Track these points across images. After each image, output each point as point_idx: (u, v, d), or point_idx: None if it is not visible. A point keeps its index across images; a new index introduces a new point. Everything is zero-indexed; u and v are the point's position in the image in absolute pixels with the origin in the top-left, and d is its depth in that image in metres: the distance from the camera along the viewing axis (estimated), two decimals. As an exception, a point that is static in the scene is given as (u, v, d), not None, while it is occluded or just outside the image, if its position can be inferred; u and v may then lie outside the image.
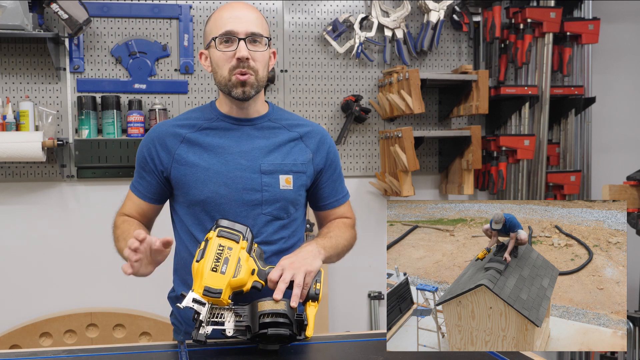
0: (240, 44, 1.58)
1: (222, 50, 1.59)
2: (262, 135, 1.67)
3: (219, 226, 1.46)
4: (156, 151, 1.66)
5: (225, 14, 1.61)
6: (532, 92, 3.45)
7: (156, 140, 1.67)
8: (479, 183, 3.53)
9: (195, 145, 1.65)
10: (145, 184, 1.69)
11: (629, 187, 3.02)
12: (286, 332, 1.39)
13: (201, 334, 1.36)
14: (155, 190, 1.69)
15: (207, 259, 1.41)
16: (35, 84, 3.06)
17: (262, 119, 1.69)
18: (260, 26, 1.62)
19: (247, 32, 1.59)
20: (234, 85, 1.60)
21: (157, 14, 3.17)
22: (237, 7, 1.63)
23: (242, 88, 1.60)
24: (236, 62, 1.58)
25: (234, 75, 1.59)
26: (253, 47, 1.60)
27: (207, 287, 1.37)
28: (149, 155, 1.67)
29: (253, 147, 1.65)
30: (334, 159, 1.76)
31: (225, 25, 1.59)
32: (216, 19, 1.63)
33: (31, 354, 1.50)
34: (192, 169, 1.63)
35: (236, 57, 1.58)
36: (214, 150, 1.64)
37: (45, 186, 3.10)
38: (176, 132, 1.66)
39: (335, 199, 1.78)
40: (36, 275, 3.10)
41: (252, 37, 1.59)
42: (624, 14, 3.83)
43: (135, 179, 1.72)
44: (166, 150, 1.65)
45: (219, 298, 1.38)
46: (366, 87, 3.43)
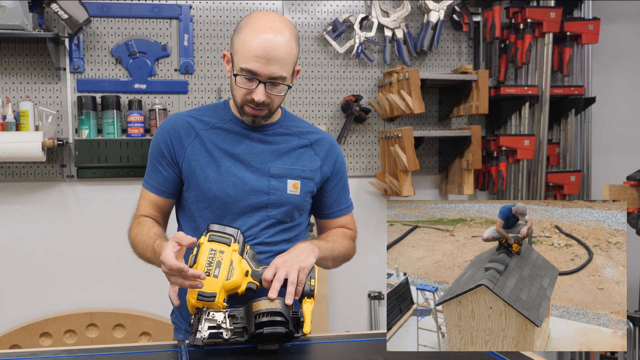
0: (258, 87, 1.55)
1: (240, 86, 1.56)
2: (273, 141, 1.68)
3: (210, 231, 1.47)
4: (171, 142, 1.65)
5: (254, 45, 1.52)
6: (532, 92, 3.45)
7: (171, 131, 1.65)
8: (479, 183, 3.53)
9: (207, 143, 1.64)
10: (162, 178, 1.66)
11: (629, 187, 3.02)
12: (282, 331, 1.40)
13: (198, 338, 1.37)
14: (172, 183, 1.67)
15: (199, 263, 1.41)
16: (35, 84, 3.06)
17: (274, 126, 1.69)
18: (286, 66, 1.55)
19: (269, 76, 1.54)
20: (246, 113, 1.61)
21: (157, 14, 3.17)
22: (268, 38, 1.52)
23: (252, 118, 1.61)
24: (251, 99, 1.57)
25: (247, 107, 1.59)
26: (272, 90, 1.56)
27: (200, 292, 1.38)
28: (165, 147, 1.65)
29: (263, 150, 1.66)
30: (340, 169, 1.77)
31: (250, 61, 1.52)
32: (245, 42, 1.53)
33: (31, 354, 1.50)
34: (203, 166, 1.63)
35: (252, 97, 1.56)
36: (225, 150, 1.64)
37: (45, 186, 3.10)
38: (191, 126, 1.66)
39: (338, 208, 1.78)
40: (36, 275, 3.10)
41: (274, 81, 1.55)
42: (624, 14, 3.83)
43: (149, 175, 1.69)
44: (180, 143, 1.65)
45: (213, 302, 1.38)
46: (366, 87, 3.43)
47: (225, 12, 3.25)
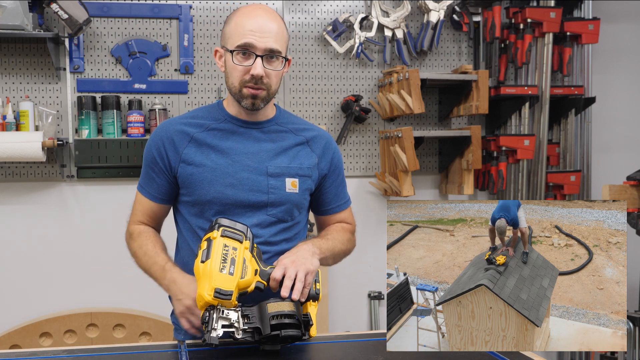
0: (256, 61, 1.56)
1: (237, 64, 1.57)
2: (269, 139, 1.68)
3: (222, 225, 1.44)
4: (165, 150, 1.65)
5: (247, 23, 1.57)
6: (532, 92, 3.45)
7: (165, 138, 1.65)
8: (479, 183, 3.53)
9: (203, 146, 1.64)
10: (155, 185, 1.67)
11: (629, 187, 3.02)
12: (297, 333, 1.39)
13: (213, 337, 1.34)
14: (166, 190, 1.68)
15: (214, 259, 1.38)
16: (35, 84, 3.06)
17: (269, 123, 1.69)
18: (280, 41, 1.59)
19: (265, 49, 1.56)
20: (245, 96, 1.60)
21: (157, 14, 3.17)
22: (259, 17, 1.58)
23: (252, 100, 1.61)
24: (250, 77, 1.57)
25: (246, 88, 1.59)
26: (269, 65, 1.58)
27: (217, 289, 1.35)
28: (158, 154, 1.65)
29: (260, 149, 1.66)
30: (337, 165, 1.77)
31: (244, 36, 1.56)
32: (237, 24, 1.58)
33: (31, 354, 1.50)
34: (199, 169, 1.63)
35: (251, 74, 1.57)
36: (221, 151, 1.64)
37: (45, 186, 3.10)
38: (184, 131, 1.65)
39: (337, 204, 1.79)
40: (36, 275, 3.10)
41: (270, 54, 1.57)
42: (624, 14, 3.83)
43: (144, 180, 1.70)
44: (174, 149, 1.64)
45: (229, 300, 1.36)
46: (366, 87, 3.43)
47: (225, 12, 3.25)
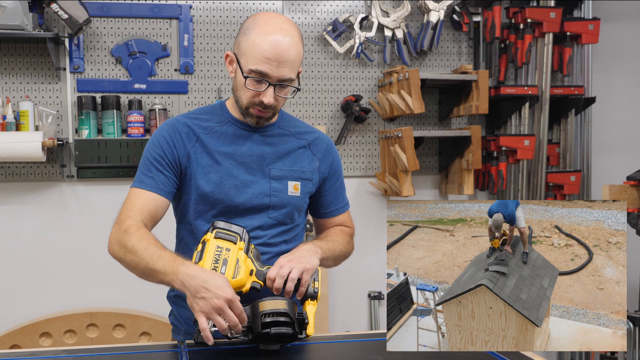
0: (268, 90, 1.55)
1: (250, 88, 1.55)
2: (272, 142, 1.68)
3: (216, 227, 1.46)
4: (174, 145, 1.62)
5: (265, 48, 1.52)
6: (532, 92, 3.45)
7: (174, 134, 1.63)
8: (479, 183, 3.53)
9: (208, 147, 1.63)
10: (162, 177, 1.61)
11: (629, 187, 3.02)
12: (289, 331, 1.39)
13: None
14: (172, 183, 1.62)
15: (206, 260, 1.40)
16: (35, 84, 3.06)
17: (272, 126, 1.69)
18: (295, 68, 1.56)
19: (279, 79, 1.54)
20: (251, 115, 1.61)
21: (157, 14, 3.17)
22: (279, 43, 1.52)
23: (257, 119, 1.61)
24: (259, 102, 1.57)
25: (254, 109, 1.59)
26: (280, 92, 1.57)
27: None
28: (168, 148, 1.62)
29: (263, 152, 1.66)
30: (337, 168, 1.78)
31: (260, 63, 1.52)
32: (254, 44, 1.53)
33: (31, 354, 1.50)
34: (205, 170, 1.62)
35: (261, 99, 1.56)
36: (225, 153, 1.63)
37: (45, 186, 3.10)
38: (191, 130, 1.64)
39: (336, 207, 1.79)
40: (36, 275, 3.10)
41: (283, 83, 1.56)
42: (624, 14, 3.83)
43: (144, 176, 1.61)
44: (183, 145, 1.63)
45: None
46: (366, 87, 3.43)
47: (225, 12, 3.25)
